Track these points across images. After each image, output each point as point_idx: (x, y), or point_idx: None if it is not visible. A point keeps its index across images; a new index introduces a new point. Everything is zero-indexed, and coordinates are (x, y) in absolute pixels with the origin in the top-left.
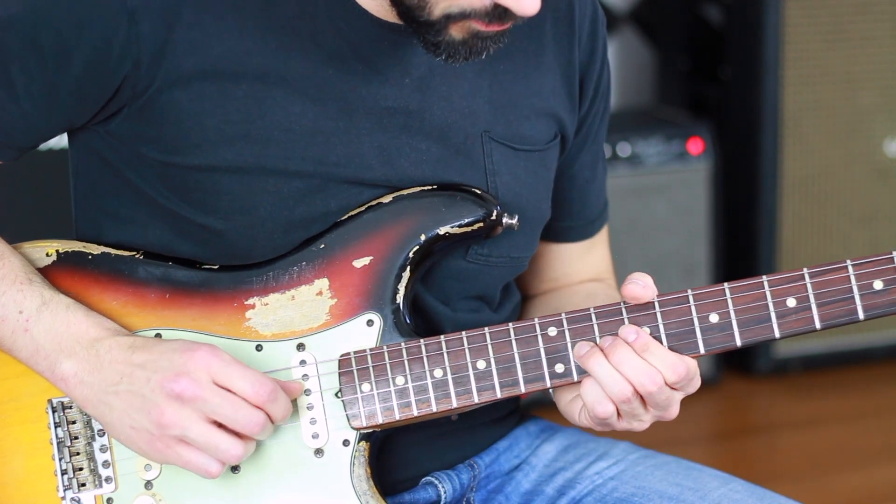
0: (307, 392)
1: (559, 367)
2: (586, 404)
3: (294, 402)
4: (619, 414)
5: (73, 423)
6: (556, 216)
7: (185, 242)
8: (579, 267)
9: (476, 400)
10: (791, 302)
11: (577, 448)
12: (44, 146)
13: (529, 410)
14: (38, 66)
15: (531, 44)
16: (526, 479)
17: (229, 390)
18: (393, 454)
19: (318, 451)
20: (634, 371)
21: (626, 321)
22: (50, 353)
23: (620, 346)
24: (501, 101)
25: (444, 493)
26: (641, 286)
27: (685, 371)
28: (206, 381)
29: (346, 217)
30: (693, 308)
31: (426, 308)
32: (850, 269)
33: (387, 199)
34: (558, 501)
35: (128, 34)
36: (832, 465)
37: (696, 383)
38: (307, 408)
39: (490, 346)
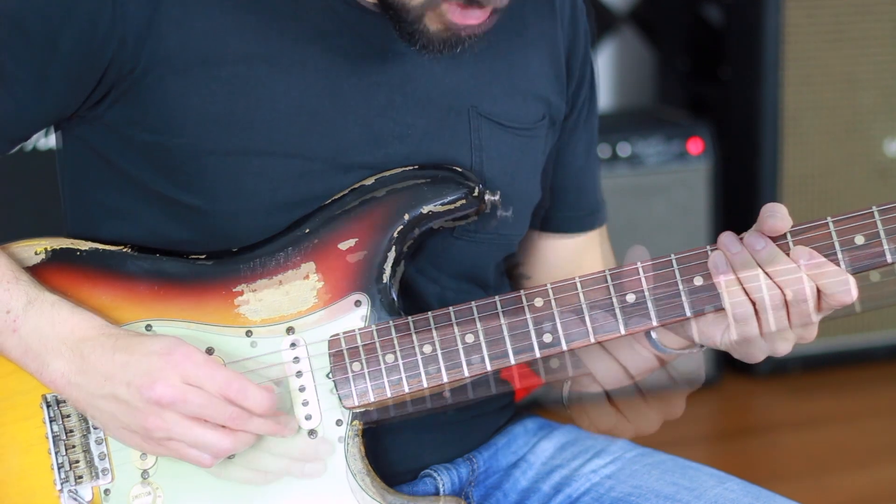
0: (299, 374)
1: (547, 337)
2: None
3: (286, 385)
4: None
5: (68, 417)
6: (555, 206)
7: (174, 224)
8: (590, 259)
9: (466, 374)
10: None
11: (575, 445)
12: (32, 146)
13: (529, 409)
14: (26, 51)
15: (513, 25)
16: (523, 477)
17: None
18: (392, 449)
19: (312, 433)
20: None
21: (611, 289)
22: (39, 355)
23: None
24: (486, 78)
25: (443, 485)
26: (780, 217)
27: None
28: (180, 383)
29: (329, 201)
30: (677, 272)
31: (417, 291)
32: (832, 225)
33: (369, 181)
34: (554, 499)
35: (113, 14)
36: (832, 465)
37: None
38: (299, 390)
39: (478, 320)
